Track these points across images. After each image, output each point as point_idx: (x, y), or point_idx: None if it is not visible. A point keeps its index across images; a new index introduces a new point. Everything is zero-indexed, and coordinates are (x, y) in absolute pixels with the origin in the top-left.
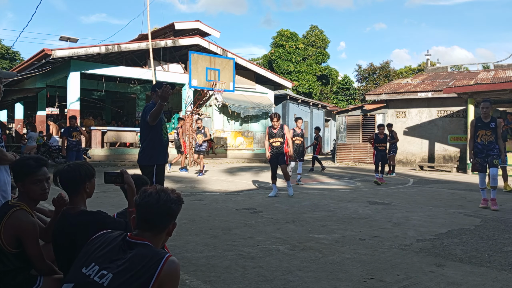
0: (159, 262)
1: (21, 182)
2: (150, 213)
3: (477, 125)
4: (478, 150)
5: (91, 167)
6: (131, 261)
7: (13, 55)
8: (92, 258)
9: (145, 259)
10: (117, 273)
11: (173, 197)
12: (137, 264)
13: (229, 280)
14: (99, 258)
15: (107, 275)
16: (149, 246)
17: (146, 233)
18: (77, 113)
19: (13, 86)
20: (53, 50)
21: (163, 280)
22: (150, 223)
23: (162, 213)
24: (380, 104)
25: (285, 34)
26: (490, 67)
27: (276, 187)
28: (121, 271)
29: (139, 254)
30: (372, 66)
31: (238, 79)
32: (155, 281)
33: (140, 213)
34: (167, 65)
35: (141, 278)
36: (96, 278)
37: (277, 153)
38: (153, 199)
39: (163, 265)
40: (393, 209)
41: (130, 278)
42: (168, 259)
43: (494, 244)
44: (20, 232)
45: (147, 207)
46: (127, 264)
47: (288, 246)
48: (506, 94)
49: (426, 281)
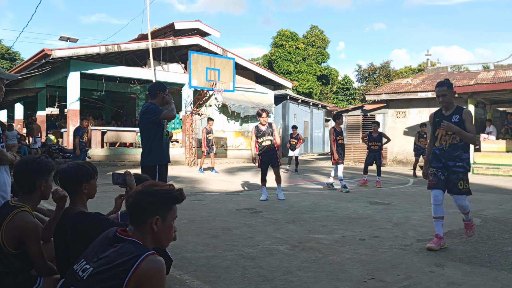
0: (136, 259)
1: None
2: (128, 204)
3: (435, 121)
4: (433, 157)
5: (91, 168)
6: (111, 256)
7: (13, 56)
8: (84, 254)
9: (124, 255)
10: (96, 267)
11: (152, 189)
12: (116, 259)
13: (229, 280)
14: (88, 253)
15: (88, 269)
16: (135, 243)
17: (132, 227)
18: (76, 113)
19: (13, 86)
20: (53, 50)
21: (140, 279)
22: (130, 215)
23: (136, 203)
24: (380, 104)
25: (285, 34)
26: (490, 67)
27: (266, 189)
28: (100, 265)
29: (122, 249)
30: (372, 66)
31: (238, 79)
32: (130, 279)
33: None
34: (167, 65)
35: (117, 273)
36: (79, 272)
37: (268, 154)
38: (134, 191)
39: (140, 262)
40: (393, 209)
41: (106, 273)
42: (147, 257)
43: (494, 244)
44: (23, 234)
45: (127, 198)
46: (107, 259)
47: (288, 246)
48: (506, 94)
49: (426, 281)
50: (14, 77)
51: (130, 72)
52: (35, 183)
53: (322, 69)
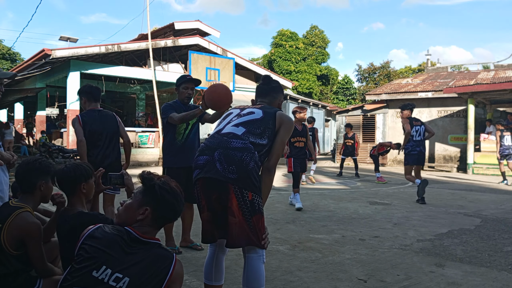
0: (171, 263)
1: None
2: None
3: None
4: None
5: (89, 167)
6: (145, 262)
7: (14, 56)
8: (101, 261)
9: (159, 260)
10: (133, 276)
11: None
12: (152, 266)
13: (229, 280)
14: (108, 261)
15: (123, 278)
16: (158, 245)
17: (147, 228)
18: (76, 113)
19: (13, 86)
20: (53, 50)
21: (173, 280)
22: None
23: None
24: (380, 104)
25: (285, 34)
26: (490, 67)
27: (299, 196)
28: (137, 273)
29: (153, 254)
30: (372, 66)
31: (238, 79)
32: (168, 282)
33: None
34: (167, 65)
35: (156, 279)
36: (111, 282)
37: (301, 157)
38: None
39: (174, 265)
40: (393, 209)
41: (146, 280)
42: (177, 260)
43: (494, 244)
44: (25, 234)
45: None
46: (142, 266)
47: (288, 246)
48: (506, 94)
49: (426, 281)
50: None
51: (130, 72)
52: (35, 184)
53: (322, 69)
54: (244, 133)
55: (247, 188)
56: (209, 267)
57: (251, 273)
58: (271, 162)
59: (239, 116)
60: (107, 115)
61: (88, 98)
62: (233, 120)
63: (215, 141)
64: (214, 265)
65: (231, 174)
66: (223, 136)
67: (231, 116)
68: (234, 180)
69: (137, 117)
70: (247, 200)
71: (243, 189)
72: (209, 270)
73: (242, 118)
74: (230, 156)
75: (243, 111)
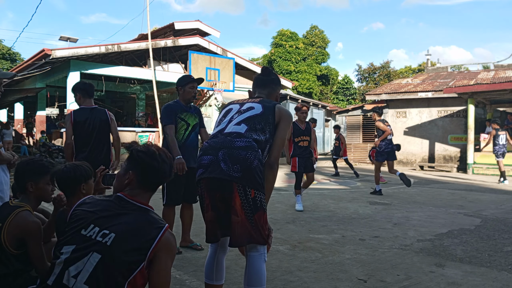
0: (161, 229)
1: (34, 182)
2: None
3: None
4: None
5: (88, 168)
6: (136, 223)
7: (14, 56)
8: (89, 220)
9: (150, 224)
10: (119, 233)
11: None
12: (142, 228)
13: (229, 280)
14: (97, 219)
15: (109, 234)
16: (149, 211)
17: (136, 190)
18: None
19: (13, 86)
20: (53, 50)
21: (160, 247)
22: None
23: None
24: (381, 104)
25: (285, 34)
26: (490, 67)
27: (301, 198)
28: (124, 230)
29: (145, 218)
30: (373, 66)
31: (238, 79)
32: (155, 246)
33: None
34: (167, 65)
35: (142, 239)
36: (98, 238)
37: (305, 156)
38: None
39: (164, 232)
40: (393, 209)
41: (132, 238)
42: (167, 229)
43: (494, 244)
44: (25, 233)
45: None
46: (131, 226)
47: (288, 247)
48: (506, 94)
49: (426, 281)
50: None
51: (130, 72)
52: (24, 184)
53: (322, 69)
54: (247, 131)
55: (250, 185)
56: (210, 266)
57: (252, 272)
58: (272, 157)
59: (239, 113)
60: (100, 112)
61: (83, 95)
62: (234, 117)
63: (219, 140)
64: (215, 264)
65: (235, 172)
66: (227, 136)
67: (231, 113)
68: (238, 178)
69: (137, 117)
70: (249, 198)
71: (246, 187)
72: (210, 270)
73: (243, 114)
74: (234, 155)
75: (243, 106)
